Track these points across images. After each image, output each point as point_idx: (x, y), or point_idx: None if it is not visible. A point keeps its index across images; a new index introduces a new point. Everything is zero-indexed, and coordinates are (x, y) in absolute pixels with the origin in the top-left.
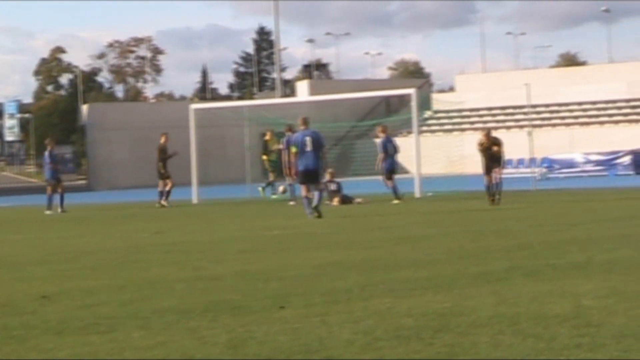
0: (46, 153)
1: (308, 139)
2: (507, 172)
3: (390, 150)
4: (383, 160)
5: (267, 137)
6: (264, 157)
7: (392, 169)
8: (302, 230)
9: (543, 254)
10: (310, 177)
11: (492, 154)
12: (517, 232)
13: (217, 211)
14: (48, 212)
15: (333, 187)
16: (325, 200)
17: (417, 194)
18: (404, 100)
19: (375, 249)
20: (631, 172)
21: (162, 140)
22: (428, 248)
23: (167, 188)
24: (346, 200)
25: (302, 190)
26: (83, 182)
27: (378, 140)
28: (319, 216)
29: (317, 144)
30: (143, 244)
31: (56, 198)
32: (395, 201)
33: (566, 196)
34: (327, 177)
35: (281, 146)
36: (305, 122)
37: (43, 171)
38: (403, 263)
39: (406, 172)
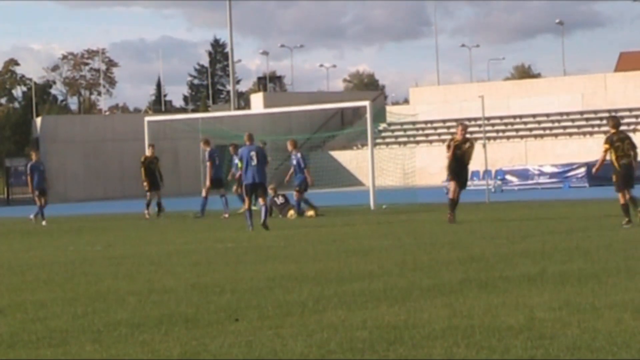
0: (29, 165)
1: (254, 154)
2: None
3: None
4: (297, 174)
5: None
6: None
7: (305, 182)
8: (255, 242)
9: (496, 266)
10: (256, 190)
11: (462, 153)
12: (470, 244)
13: (170, 224)
14: (39, 223)
15: (280, 200)
16: (277, 215)
17: (372, 206)
18: (358, 112)
19: (329, 261)
20: (585, 184)
21: (149, 152)
22: (382, 260)
23: (147, 200)
24: (299, 212)
25: (244, 204)
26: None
27: (298, 155)
28: (266, 228)
29: (262, 158)
30: (95, 256)
31: (35, 209)
32: (310, 212)
33: (520, 208)
34: (270, 193)
35: (235, 161)
36: (251, 138)
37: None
38: (357, 275)
39: (360, 184)
